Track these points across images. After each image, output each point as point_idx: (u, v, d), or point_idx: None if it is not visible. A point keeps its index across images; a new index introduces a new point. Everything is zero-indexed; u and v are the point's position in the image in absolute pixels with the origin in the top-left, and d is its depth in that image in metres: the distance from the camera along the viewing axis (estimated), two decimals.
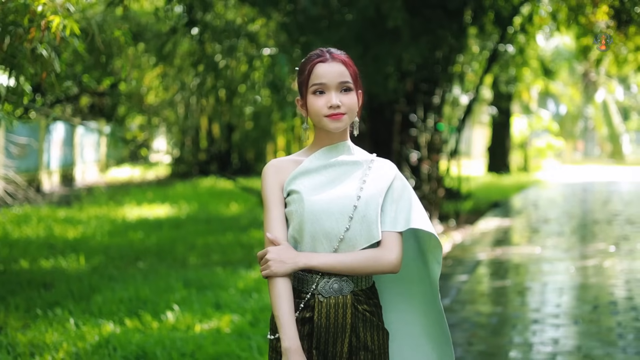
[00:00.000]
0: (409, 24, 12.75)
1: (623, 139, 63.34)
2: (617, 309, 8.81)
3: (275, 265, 3.08)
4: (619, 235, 14.95)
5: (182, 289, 8.79)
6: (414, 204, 3.24)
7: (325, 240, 3.14)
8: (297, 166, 3.25)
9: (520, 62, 24.52)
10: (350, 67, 3.22)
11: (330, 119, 3.18)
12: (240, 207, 18.78)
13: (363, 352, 3.17)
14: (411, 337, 3.39)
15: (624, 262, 11.95)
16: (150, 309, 7.90)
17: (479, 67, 20.42)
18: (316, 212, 3.13)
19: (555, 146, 45.23)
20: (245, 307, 8.12)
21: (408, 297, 3.42)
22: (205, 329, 7.25)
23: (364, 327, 3.18)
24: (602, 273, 11.11)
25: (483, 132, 45.51)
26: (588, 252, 12.91)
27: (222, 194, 22.25)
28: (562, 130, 55.07)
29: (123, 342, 6.56)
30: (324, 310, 3.15)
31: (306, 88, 3.21)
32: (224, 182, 25.93)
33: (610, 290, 9.81)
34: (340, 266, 3.11)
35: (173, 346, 6.55)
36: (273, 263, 3.08)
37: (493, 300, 9.45)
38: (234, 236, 13.63)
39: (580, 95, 58.55)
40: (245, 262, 11.10)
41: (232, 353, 6.55)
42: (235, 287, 9.09)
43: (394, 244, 3.17)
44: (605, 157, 64.04)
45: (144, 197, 20.08)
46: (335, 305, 3.16)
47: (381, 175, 3.25)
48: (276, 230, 3.19)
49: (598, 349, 7.18)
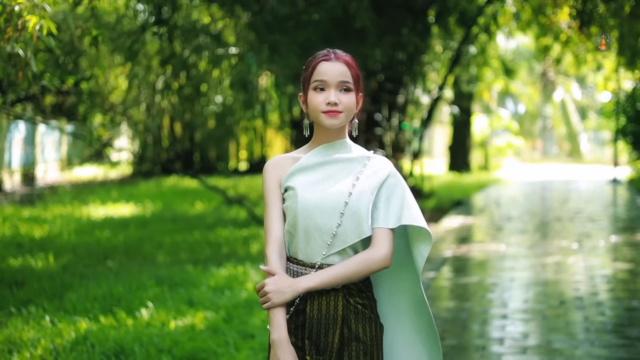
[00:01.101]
0: (376, 24, 12.86)
1: (581, 137, 64.05)
2: (583, 304, 8.99)
3: (275, 296, 3.19)
4: (581, 233, 15.18)
5: (155, 286, 8.83)
6: (407, 201, 3.34)
7: (318, 235, 3.24)
8: (294, 162, 3.36)
9: (482, 62, 24.80)
10: (353, 69, 3.32)
11: (326, 115, 3.27)
12: (205, 205, 18.80)
13: (355, 343, 3.27)
14: (405, 334, 3.49)
15: (588, 258, 12.16)
16: (124, 306, 7.94)
17: (442, 66, 20.61)
18: (309, 208, 3.23)
19: (514, 145, 45.67)
20: (219, 304, 8.19)
21: (399, 291, 3.53)
22: (179, 326, 7.31)
23: (355, 319, 3.28)
24: (567, 269, 11.30)
25: (444, 131, 45.81)
26: (552, 249, 13.12)
27: (186, 192, 22.24)
28: (521, 129, 55.57)
29: (101, 339, 6.60)
30: (316, 303, 3.26)
31: (308, 84, 3.31)
32: (187, 180, 25.91)
33: (575, 286, 9.99)
34: (336, 279, 3.22)
35: (150, 342, 6.61)
36: (273, 295, 3.19)
37: (461, 296, 9.59)
38: (201, 234, 13.67)
39: (539, 94, 59.11)
40: (214, 260, 11.15)
41: (208, 349, 6.62)
42: (206, 284, 9.15)
43: (384, 240, 3.28)
44: (563, 155, 64.77)
45: (108, 196, 20.02)
46: (327, 297, 3.26)
47: (375, 172, 3.35)
48: (273, 227, 3.30)
49: (566, 343, 7.34)
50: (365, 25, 12.46)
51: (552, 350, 7.11)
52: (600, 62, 29.61)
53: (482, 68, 26.60)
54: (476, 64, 24.91)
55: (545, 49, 25.90)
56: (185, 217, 16.46)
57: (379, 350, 3.32)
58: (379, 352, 3.33)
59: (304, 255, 3.28)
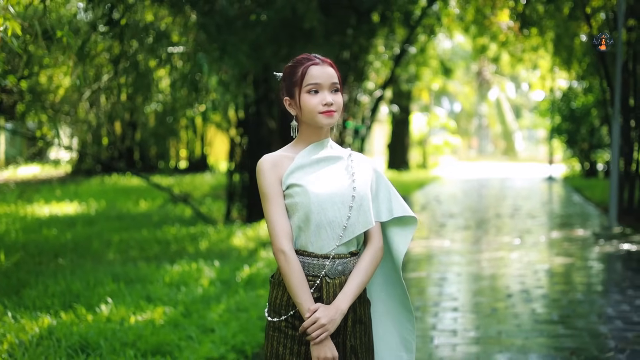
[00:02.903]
0: (323, 24, 13.05)
1: (516, 136, 65.03)
2: (530, 297, 9.30)
3: (331, 326, 3.40)
4: (521, 229, 15.57)
5: (111, 283, 8.91)
6: (392, 193, 3.63)
7: (330, 228, 3.46)
8: (290, 161, 3.55)
9: (421, 62, 25.15)
10: (337, 71, 3.57)
11: (324, 115, 3.49)
12: (149, 204, 18.84)
13: (359, 325, 3.56)
14: (375, 314, 3.76)
15: (530, 253, 12.52)
16: (83, 302, 8.01)
17: (384, 66, 20.87)
18: (322, 203, 3.45)
19: (452, 143, 46.25)
20: (176, 299, 8.31)
21: (379, 273, 3.79)
22: (140, 321, 7.41)
23: (359, 303, 3.56)
24: (511, 264, 11.62)
25: (382, 130, 46.24)
26: (495, 245, 13.46)
27: (129, 191, 22.24)
28: (458, 128, 56.28)
29: (65, 334, 6.69)
30: (332, 290, 3.48)
31: (299, 88, 3.50)
32: (129, 179, 25.87)
33: (520, 280, 10.31)
34: (363, 285, 3.51)
35: (114, 337, 6.72)
36: (329, 325, 3.39)
37: (412, 291, 9.82)
38: (149, 232, 13.73)
39: (475, 93, 59.85)
40: (164, 258, 11.25)
41: (171, 342, 6.75)
42: (162, 280, 9.26)
43: (378, 233, 3.58)
44: (498, 153, 65.65)
45: (52, 195, 19.94)
46: (340, 284, 3.50)
47: (364, 168, 3.61)
48: (281, 222, 3.48)
49: (516, 334, 7.61)
50: (314, 26, 12.63)
51: (503, 341, 7.37)
52: (536, 61, 30.20)
53: (421, 67, 27.00)
54: (415, 63, 25.29)
55: (483, 48, 26.39)
56: (131, 215, 16.49)
57: (371, 328, 3.64)
58: (371, 327, 3.64)
59: (315, 247, 3.48)
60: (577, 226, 16.19)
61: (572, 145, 33.15)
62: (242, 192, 16.49)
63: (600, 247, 13.30)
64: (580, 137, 32.33)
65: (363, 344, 3.55)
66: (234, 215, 16.43)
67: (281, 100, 3.62)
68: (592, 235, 14.70)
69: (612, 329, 7.76)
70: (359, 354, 3.52)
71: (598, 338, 7.45)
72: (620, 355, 6.84)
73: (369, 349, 3.59)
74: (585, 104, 31.40)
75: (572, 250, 12.85)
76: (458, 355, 6.95)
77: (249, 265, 10.33)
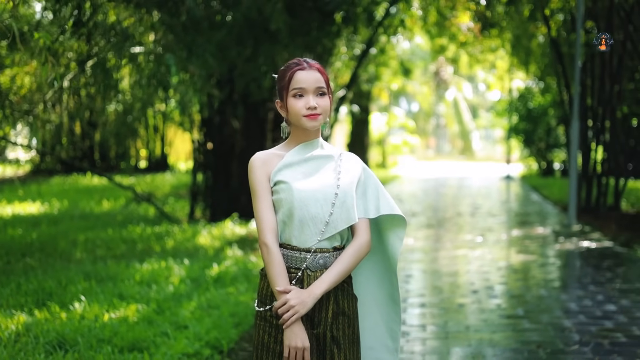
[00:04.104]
0: (289, 25, 13.17)
1: (473, 135, 65.54)
2: (495, 293, 9.52)
3: (300, 307, 3.52)
4: (483, 227, 15.82)
5: (83, 281, 8.98)
6: (380, 191, 3.78)
7: (312, 223, 3.61)
8: (279, 159, 3.71)
9: (382, 62, 25.36)
10: (324, 75, 3.71)
11: (308, 118, 3.64)
12: (112, 203, 18.83)
13: (342, 317, 3.68)
14: (364, 305, 3.92)
15: (493, 251, 12.75)
16: (56, 300, 8.08)
17: (345, 67, 21.02)
18: (304, 199, 3.60)
19: (410, 143, 46.56)
20: (148, 297, 8.40)
21: (364, 270, 3.95)
22: (113, 318, 7.50)
23: (342, 295, 3.69)
24: (475, 261, 11.83)
25: (342, 130, 46.43)
26: (458, 243, 13.68)
27: (91, 190, 22.18)
28: (416, 127, 56.66)
29: (43, 331, 6.77)
30: (312, 282, 3.61)
31: (287, 92, 3.67)
32: (89, 178, 25.80)
33: (485, 277, 10.52)
34: (340, 276, 3.62)
35: (90, 334, 6.80)
36: (298, 307, 3.52)
37: None
38: (114, 231, 13.76)
39: (432, 93, 60.23)
40: (131, 256, 11.30)
41: (147, 339, 6.85)
42: (132, 279, 9.34)
43: (365, 228, 3.71)
44: (456, 153, 66.11)
45: (14, 195, 19.86)
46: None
47: (351, 166, 3.76)
48: (267, 217, 3.64)
49: (484, 329, 7.80)
50: (279, 27, 12.74)
51: (471, 335, 7.55)
52: (494, 62, 30.57)
53: (380, 68, 27.23)
54: (375, 63, 25.50)
55: (441, 49, 26.69)
56: (95, 214, 16.49)
57: (357, 321, 3.76)
58: (357, 323, 3.76)
59: (298, 241, 3.63)
60: (537, 224, 16.47)
61: (529, 145, 33.59)
62: (206, 192, 16.57)
63: (561, 244, 13.57)
64: (537, 137, 32.78)
65: (346, 336, 3.67)
66: (198, 215, 16.51)
67: (274, 103, 3.79)
68: (552, 233, 14.98)
69: (576, 323, 7.97)
70: (341, 345, 3.65)
71: (563, 332, 7.65)
72: (585, 348, 7.04)
73: (354, 342, 3.71)
74: (542, 104, 31.86)
75: (534, 248, 13.10)
76: (428, 349, 7.11)
77: (218, 264, 10.44)
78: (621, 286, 9.86)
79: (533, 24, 20.52)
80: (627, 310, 8.53)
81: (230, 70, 14.30)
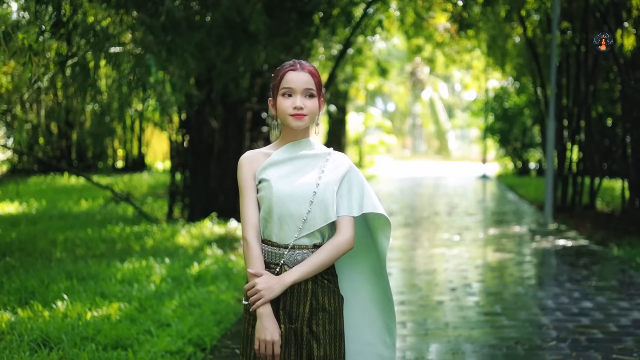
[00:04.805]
0: (268, 26, 13.24)
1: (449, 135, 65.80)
2: (473, 290, 9.65)
3: (266, 292, 3.63)
4: (460, 226, 15.96)
5: (65, 280, 9.02)
6: (366, 190, 3.84)
7: (291, 220, 3.70)
8: (266, 157, 3.81)
9: (358, 62, 25.47)
10: (316, 78, 3.79)
11: (294, 118, 3.74)
12: (91, 203, 18.83)
13: (321, 313, 3.75)
14: (360, 302, 4.00)
15: (470, 249, 12.89)
16: (39, 299, 8.13)
17: (322, 67, 21.11)
18: (282, 197, 3.69)
19: (387, 143, 46.69)
20: (130, 296, 8.46)
21: (358, 268, 4.04)
22: (96, 316, 7.55)
23: (322, 292, 3.76)
24: (453, 259, 11.96)
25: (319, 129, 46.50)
26: (436, 241, 13.81)
27: (69, 190, 22.17)
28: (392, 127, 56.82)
29: (27, 329, 6.82)
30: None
31: (277, 91, 3.77)
32: (67, 179, 25.76)
33: (463, 275, 10.65)
34: (314, 268, 3.70)
35: (74, 331, 6.86)
36: (265, 291, 3.63)
37: None
38: (94, 231, 13.78)
39: (409, 93, 60.39)
40: (111, 256, 11.34)
41: (130, 336, 6.92)
42: (114, 278, 9.39)
43: (348, 226, 3.77)
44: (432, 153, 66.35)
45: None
46: None
47: (336, 166, 3.83)
48: (250, 214, 3.75)
49: (463, 325, 7.92)
50: (258, 28, 12.81)
51: (451, 332, 7.66)
52: (470, 62, 30.73)
53: (357, 68, 27.35)
54: (352, 64, 25.62)
55: (418, 49, 26.83)
56: (73, 214, 16.49)
57: (341, 319, 3.82)
58: (341, 320, 3.82)
59: (278, 238, 3.72)
60: (514, 223, 16.64)
61: (505, 145, 33.82)
62: (184, 192, 16.61)
63: (537, 243, 13.73)
64: (513, 137, 33.02)
65: (327, 331, 3.75)
66: (176, 214, 16.54)
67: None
68: (528, 232, 15.14)
69: (553, 320, 8.10)
70: (320, 340, 3.72)
71: (540, 328, 7.78)
72: (562, 344, 7.17)
73: (336, 337, 3.78)
74: (517, 104, 32.08)
75: (511, 246, 13.25)
76: (408, 346, 7.21)
77: (198, 263, 10.50)
78: (597, 283, 10.02)
79: (509, 24, 20.71)
80: (603, 307, 8.68)
81: (209, 71, 14.35)
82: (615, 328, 7.78)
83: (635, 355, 6.83)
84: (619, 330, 7.71)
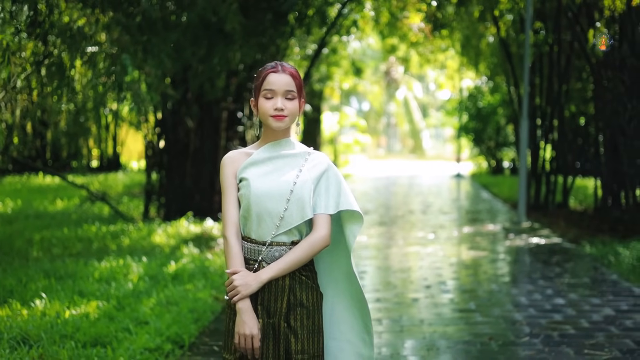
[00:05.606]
0: (244, 26, 13.29)
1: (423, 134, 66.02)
2: (447, 288, 9.77)
3: (243, 289, 3.74)
4: (434, 224, 16.09)
5: (43, 279, 9.06)
6: (343, 189, 3.94)
7: (268, 218, 3.80)
8: (247, 157, 3.90)
9: (333, 61, 25.55)
10: (296, 80, 3.88)
11: (274, 118, 3.83)
12: (66, 203, 18.81)
13: (299, 308, 3.84)
14: (340, 299, 4.08)
15: (445, 247, 13.02)
16: (17, 297, 8.17)
17: (297, 66, 21.19)
18: (260, 195, 3.79)
19: (361, 142, 46.80)
20: (108, 294, 8.51)
21: (336, 265, 4.12)
22: (75, 315, 7.60)
23: (300, 288, 3.85)
24: (427, 257, 12.07)
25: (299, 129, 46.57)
26: (410, 240, 13.93)
27: (44, 190, 22.12)
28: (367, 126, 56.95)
29: (7, 327, 6.87)
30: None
31: (259, 92, 3.85)
32: (42, 178, 25.70)
33: (437, 272, 10.77)
34: (291, 265, 3.81)
35: (53, 329, 6.91)
36: (241, 288, 3.74)
37: None
38: (70, 230, 13.79)
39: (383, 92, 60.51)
40: (88, 255, 11.36)
41: (109, 334, 6.98)
42: (92, 276, 9.43)
43: (324, 224, 3.87)
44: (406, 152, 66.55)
45: None
46: None
47: (315, 165, 3.93)
48: (230, 212, 3.85)
49: (438, 322, 8.03)
50: (234, 28, 12.86)
51: (426, 329, 7.78)
52: (444, 62, 30.89)
53: (332, 67, 27.45)
54: (327, 63, 25.72)
55: (392, 49, 26.95)
56: (49, 214, 16.47)
57: (319, 315, 3.91)
58: (319, 316, 3.91)
59: (257, 235, 3.82)
60: (488, 221, 16.80)
61: (479, 144, 34.03)
62: (160, 191, 16.63)
63: (511, 241, 13.88)
64: (486, 136, 33.22)
65: (305, 326, 3.83)
66: (152, 214, 16.56)
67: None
68: (502, 230, 15.30)
69: (527, 316, 8.23)
70: (298, 334, 3.80)
71: (514, 325, 7.91)
72: (535, 340, 7.29)
73: (314, 332, 3.86)
74: (491, 103, 32.28)
75: (485, 244, 13.39)
76: (384, 342, 7.31)
77: (175, 261, 10.55)
78: (569, 281, 10.17)
79: (483, 24, 20.86)
80: (575, 304, 8.82)
81: (185, 70, 14.39)
82: (587, 324, 7.92)
83: (606, 350, 6.97)
84: (590, 326, 7.85)
